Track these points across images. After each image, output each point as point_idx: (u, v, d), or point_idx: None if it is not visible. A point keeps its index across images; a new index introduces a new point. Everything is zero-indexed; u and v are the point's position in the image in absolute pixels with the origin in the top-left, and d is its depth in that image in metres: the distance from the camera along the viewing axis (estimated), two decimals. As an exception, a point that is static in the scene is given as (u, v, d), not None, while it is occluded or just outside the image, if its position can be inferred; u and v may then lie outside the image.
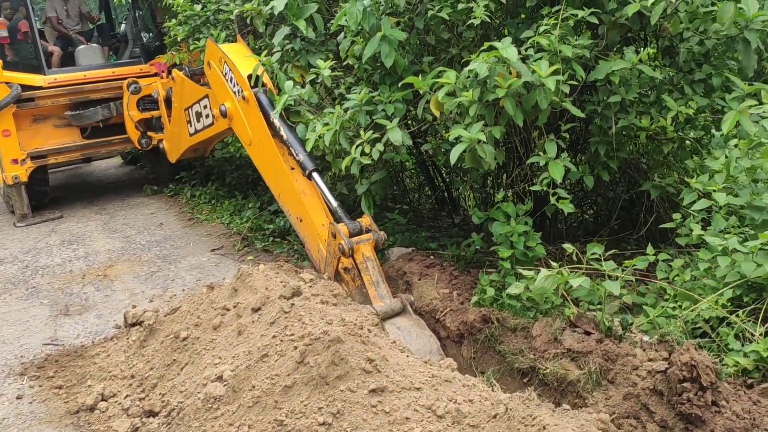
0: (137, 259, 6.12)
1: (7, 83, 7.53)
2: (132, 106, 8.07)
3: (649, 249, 3.67)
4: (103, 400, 3.41)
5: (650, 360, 3.03)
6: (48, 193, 8.71)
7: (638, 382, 2.97)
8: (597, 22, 3.74)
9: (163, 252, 6.25)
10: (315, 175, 4.48)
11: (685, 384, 2.75)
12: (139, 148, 8.27)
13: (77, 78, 8.14)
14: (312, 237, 4.50)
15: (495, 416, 2.24)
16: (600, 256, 3.38)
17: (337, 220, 4.21)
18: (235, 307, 3.41)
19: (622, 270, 3.48)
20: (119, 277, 5.67)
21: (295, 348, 2.73)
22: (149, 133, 8.19)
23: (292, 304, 3.13)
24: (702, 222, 3.71)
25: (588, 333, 3.33)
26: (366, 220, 4.17)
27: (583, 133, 4.66)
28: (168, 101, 7.48)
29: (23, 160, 7.76)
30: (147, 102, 8.09)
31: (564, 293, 3.73)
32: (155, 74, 7.98)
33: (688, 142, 4.38)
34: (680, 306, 3.37)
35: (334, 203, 4.31)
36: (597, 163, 4.24)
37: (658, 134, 4.15)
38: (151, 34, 9.07)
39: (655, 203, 4.57)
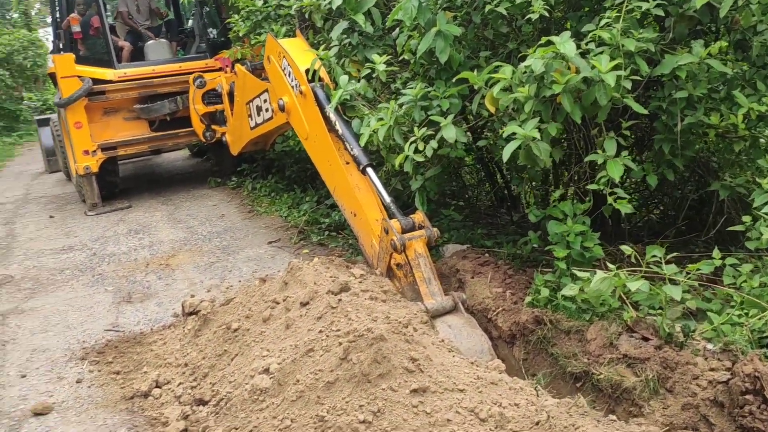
0: (198, 249, 6.27)
1: (79, 77, 7.84)
2: (197, 100, 8.27)
3: (716, 252, 3.49)
4: (157, 386, 3.50)
5: (712, 369, 2.89)
6: (118, 184, 9.04)
7: (698, 392, 2.84)
8: (663, 14, 3.57)
9: (223, 243, 6.38)
10: (369, 170, 4.47)
11: (747, 396, 2.61)
12: (204, 140, 8.47)
13: (146, 72, 8.40)
14: (365, 232, 4.49)
15: (537, 423, 2.18)
16: (661, 258, 3.23)
17: (391, 215, 4.19)
18: (284, 300, 3.44)
19: (686, 274, 3.33)
20: (180, 266, 5.82)
21: (340, 344, 2.72)
22: (213, 127, 8.37)
23: (339, 300, 3.12)
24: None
25: (646, 339, 3.20)
26: (419, 217, 4.14)
27: (648, 131, 4.48)
28: (231, 95, 7.63)
29: (94, 151, 8.06)
30: (212, 96, 8.28)
31: (623, 296, 3.59)
32: (220, 69, 8.16)
33: (761, 140, 4.14)
34: (747, 314, 3.19)
35: (388, 199, 4.28)
36: (662, 161, 4.07)
37: (728, 132, 3.95)
38: (216, 30, 9.27)
39: (726, 204, 4.35)
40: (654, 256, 3.22)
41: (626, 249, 3.32)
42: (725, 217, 4.35)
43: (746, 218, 3.59)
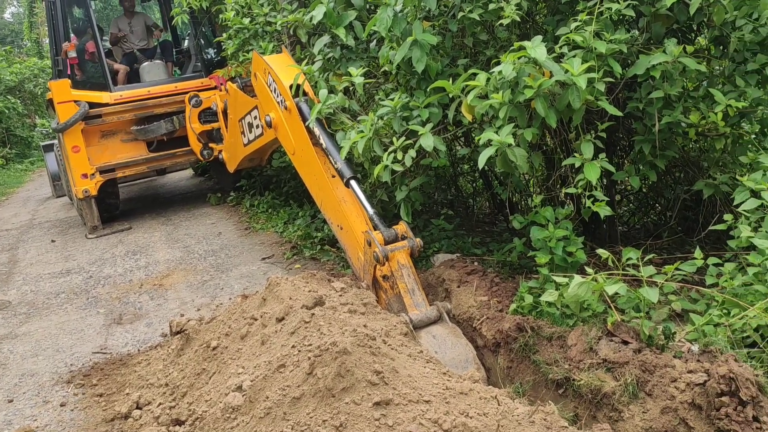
0: (192, 268, 6.28)
1: (75, 101, 7.93)
2: (194, 119, 8.33)
3: (697, 252, 3.43)
4: (137, 408, 3.49)
5: (690, 372, 2.82)
6: (118, 206, 9.11)
7: (676, 395, 2.77)
8: (634, 15, 3.53)
9: (218, 261, 6.38)
10: (353, 182, 4.46)
11: (723, 398, 2.55)
12: (202, 159, 8.52)
13: (142, 94, 8.49)
14: (352, 245, 4.48)
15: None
16: (637, 260, 3.18)
17: (374, 227, 4.17)
18: (261, 317, 3.42)
19: (665, 275, 3.27)
20: (174, 286, 5.82)
21: (308, 359, 2.70)
22: (210, 145, 8.42)
23: (313, 314, 3.10)
24: (756, 223, 3.44)
25: (626, 342, 3.14)
26: (402, 227, 4.12)
27: (629, 132, 4.44)
28: (226, 113, 7.67)
29: (92, 174, 8.13)
30: (208, 114, 8.34)
31: (608, 300, 3.54)
32: (215, 87, 8.22)
33: (744, 137, 4.08)
34: (728, 314, 3.13)
35: (371, 210, 4.27)
36: (643, 162, 4.02)
37: (710, 130, 3.90)
38: (211, 49, 9.34)
39: (717, 203, 4.29)
40: (629, 258, 3.17)
41: (602, 253, 3.27)
42: (718, 216, 4.29)
43: (728, 216, 3.53)
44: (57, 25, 8.54)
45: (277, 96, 5.35)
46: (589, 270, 3.27)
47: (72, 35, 8.66)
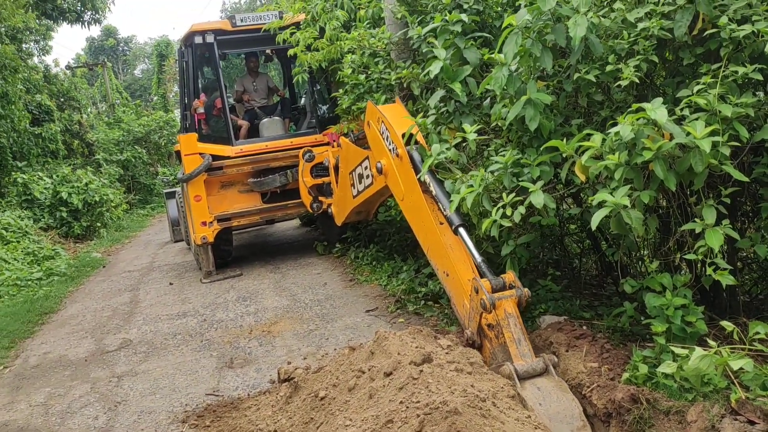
0: (299, 317, 6.45)
1: (200, 154, 8.48)
2: (306, 173, 8.68)
3: (833, 330, 3.19)
4: (247, 452, 3.59)
5: (826, 461, 2.60)
6: (231, 252, 9.56)
7: (810, 485, 2.56)
8: (761, 78, 3.42)
9: (323, 311, 6.53)
10: (461, 230, 4.50)
11: None
12: (311, 211, 8.82)
13: (260, 148, 8.97)
14: (457, 291, 4.49)
15: None
16: (766, 335, 2.99)
17: (481, 275, 4.17)
18: (369, 370, 3.46)
19: (798, 353, 3.05)
20: (281, 333, 6.00)
21: (417, 416, 2.70)
22: (320, 198, 8.72)
23: (421, 371, 3.11)
24: None
25: (752, 422, 2.94)
26: (510, 276, 4.09)
27: (757, 198, 4.22)
28: (337, 168, 7.96)
29: (211, 222, 8.60)
30: (319, 169, 8.68)
31: (731, 375, 3.33)
32: (327, 143, 8.56)
33: None
34: None
35: (479, 258, 4.28)
36: (771, 230, 3.82)
37: None
38: (326, 106, 9.76)
39: None
40: (757, 332, 2.99)
41: (727, 325, 3.11)
42: None
43: None
44: (188, 82, 9.23)
45: (389, 143, 5.52)
46: (711, 342, 3.11)
47: (201, 92, 9.33)
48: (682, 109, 3.50)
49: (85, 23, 20.71)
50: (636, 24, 3.88)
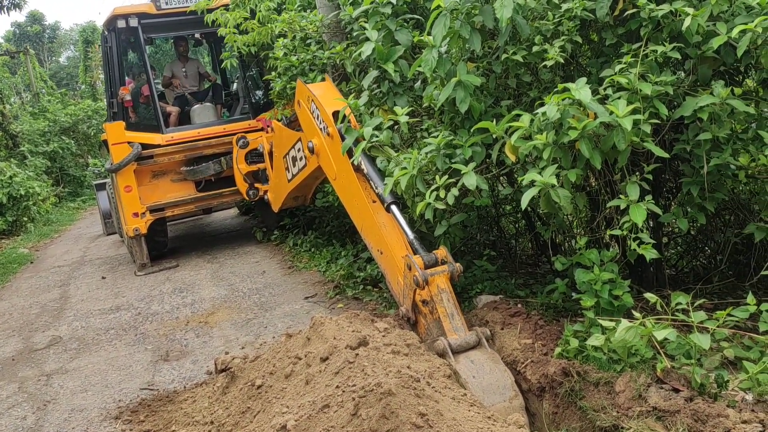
0: (237, 306, 6.36)
1: (128, 143, 8.21)
2: (240, 160, 8.53)
3: (750, 298, 3.33)
4: (182, 445, 3.52)
5: (744, 422, 2.73)
6: (166, 244, 9.32)
7: (730, 446, 2.68)
8: (679, 57, 3.52)
9: (261, 299, 6.46)
10: (393, 207, 4.51)
11: (781, 451, 2.45)
12: (247, 199, 8.69)
13: (192, 135, 8.74)
14: (392, 269, 4.51)
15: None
16: (687, 305, 3.11)
17: (414, 251, 4.21)
18: (306, 356, 3.44)
19: (717, 321, 3.18)
20: (219, 324, 5.90)
21: (353, 399, 2.70)
22: (256, 185, 8.59)
23: (357, 354, 3.11)
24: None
25: (677, 390, 3.06)
26: (442, 252, 4.13)
27: (678, 174, 4.38)
28: (272, 154, 7.84)
29: (143, 213, 8.36)
30: (254, 155, 8.54)
31: (656, 345, 3.46)
32: (261, 129, 8.42)
33: (798, 179, 3.98)
34: (784, 362, 3.02)
35: (411, 235, 4.31)
36: (692, 205, 3.96)
37: (759, 173, 3.82)
38: (259, 91, 9.60)
39: (770, 247, 4.18)
40: (679, 303, 3.10)
41: (650, 297, 3.21)
42: (771, 260, 4.17)
43: (782, 260, 3.43)
44: (113, 69, 8.90)
45: (320, 123, 5.47)
46: (636, 314, 3.21)
47: (127, 78, 9.02)
48: (605, 89, 3.58)
49: (4, 8, 19.73)
50: (560, 5, 3.94)
